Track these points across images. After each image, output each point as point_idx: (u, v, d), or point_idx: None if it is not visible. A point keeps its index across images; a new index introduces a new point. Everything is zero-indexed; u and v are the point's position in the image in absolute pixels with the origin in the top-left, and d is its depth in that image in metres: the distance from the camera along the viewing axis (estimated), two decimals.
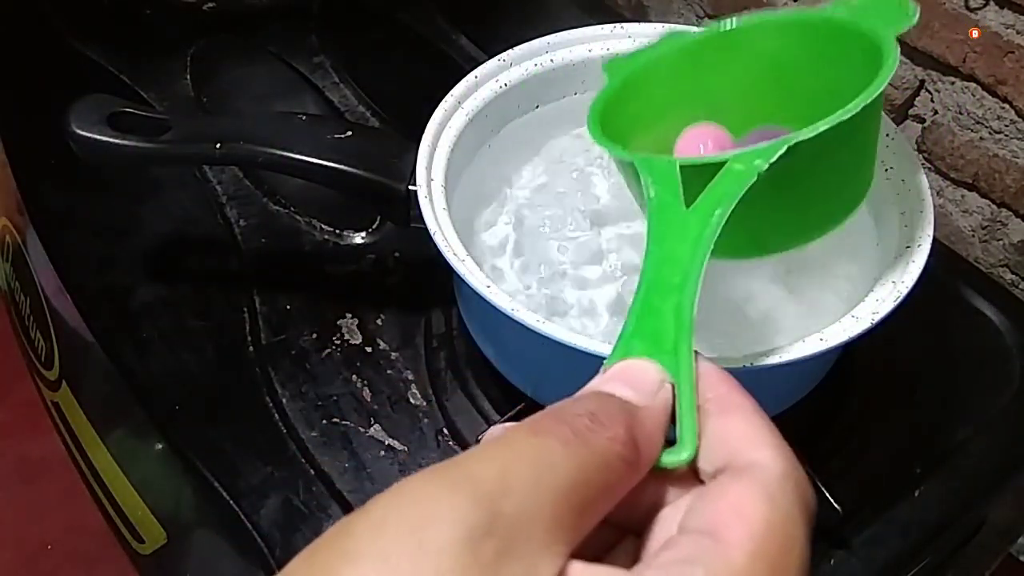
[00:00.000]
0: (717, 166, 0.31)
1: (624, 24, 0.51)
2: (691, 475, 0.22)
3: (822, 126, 0.31)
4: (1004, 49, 0.57)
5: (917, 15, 0.35)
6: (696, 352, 0.24)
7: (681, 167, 0.31)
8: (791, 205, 0.35)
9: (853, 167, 0.36)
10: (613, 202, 0.50)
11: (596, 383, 0.23)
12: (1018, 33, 0.56)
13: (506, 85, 0.50)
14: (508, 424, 0.21)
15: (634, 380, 0.22)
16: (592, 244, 0.48)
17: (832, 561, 0.44)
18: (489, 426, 0.46)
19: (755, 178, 0.30)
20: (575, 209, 0.49)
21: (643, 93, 0.40)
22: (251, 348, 0.53)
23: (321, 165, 0.48)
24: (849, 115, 0.31)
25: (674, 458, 0.22)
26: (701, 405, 0.23)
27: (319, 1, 0.77)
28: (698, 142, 0.39)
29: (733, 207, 0.29)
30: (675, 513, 0.21)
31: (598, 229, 0.49)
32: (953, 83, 0.62)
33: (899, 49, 0.34)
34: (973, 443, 0.49)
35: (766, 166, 0.30)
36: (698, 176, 0.31)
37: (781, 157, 0.31)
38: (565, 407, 0.21)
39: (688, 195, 0.31)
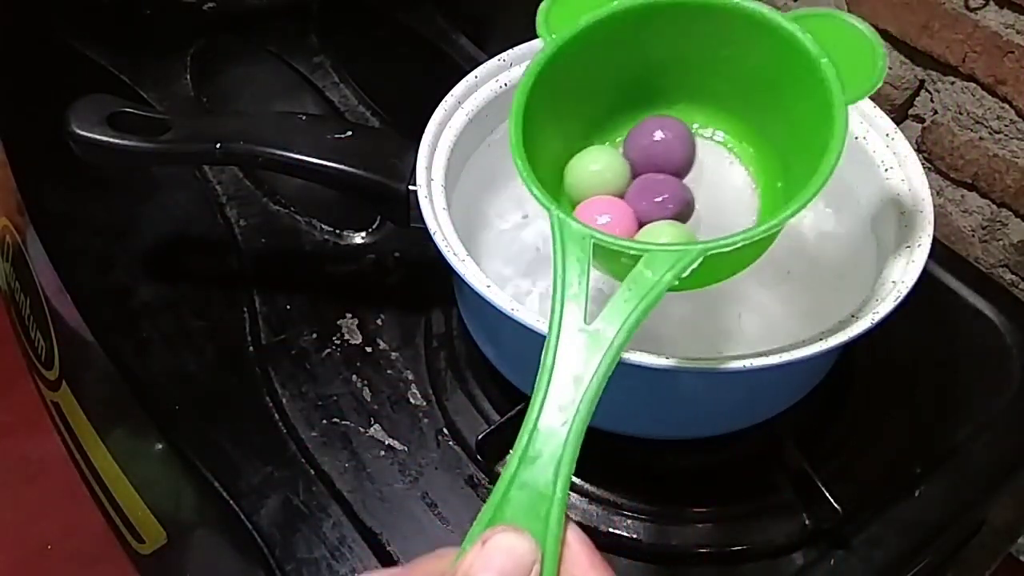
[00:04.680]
0: (632, 258, 0.30)
1: None
2: None
3: (740, 240, 0.30)
4: (1004, 49, 0.57)
5: (881, 81, 0.32)
6: (567, 517, 0.24)
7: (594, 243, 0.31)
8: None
9: (762, 245, 0.35)
10: None
11: (470, 563, 0.23)
12: (1018, 33, 0.56)
13: (506, 85, 0.50)
14: None
15: (509, 565, 0.22)
16: None
17: (832, 561, 0.44)
18: (489, 427, 0.46)
19: (661, 295, 0.29)
20: None
21: (579, 61, 0.37)
22: (251, 348, 0.53)
23: (321, 165, 0.48)
24: (772, 231, 0.31)
25: None
26: None
27: (319, 1, 0.77)
28: (596, 212, 0.37)
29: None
30: None
31: None
32: (953, 83, 0.62)
33: (847, 127, 0.31)
34: (973, 443, 0.49)
35: (676, 282, 0.30)
36: (609, 255, 0.31)
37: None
38: None
39: (600, 262, 0.31)
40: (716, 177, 0.40)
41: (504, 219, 0.50)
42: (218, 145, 0.48)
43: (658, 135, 0.39)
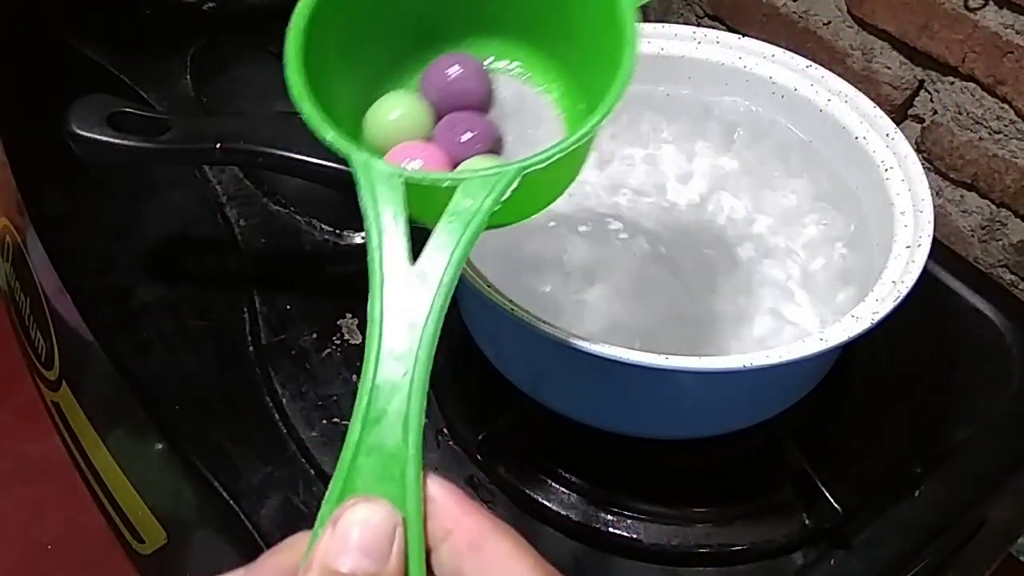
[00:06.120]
0: (446, 192, 0.28)
1: None
2: None
3: (555, 153, 0.29)
4: (1003, 49, 0.57)
5: None
6: (425, 471, 0.23)
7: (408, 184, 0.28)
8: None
9: (576, 159, 0.33)
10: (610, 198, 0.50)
11: (325, 550, 0.20)
12: (1017, 33, 0.56)
13: None
14: None
15: (367, 541, 0.20)
16: (591, 242, 0.48)
17: (832, 561, 0.44)
18: (489, 427, 0.46)
19: (484, 223, 0.27)
20: (575, 207, 0.49)
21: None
22: (251, 348, 0.53)
23: (321, 165, 0.48)
24: (584, 139, 0.29)
25: None
26: (440, 536, 0.22)
27: None
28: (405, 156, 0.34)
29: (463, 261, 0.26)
30: None
31: (599, 226, 0.49)
32: (952, 83, 0.62)
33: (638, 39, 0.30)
34: (973, 443, 0.49)
35: (497, 206, 0.28)
36: (424, 195, 0.28)
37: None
38: None
39: (415, 209, 0.28)
40: (520, 109, 0.38)
41: None
42: (218, 145, 0.48)
43: (452, 72, 0.37)
